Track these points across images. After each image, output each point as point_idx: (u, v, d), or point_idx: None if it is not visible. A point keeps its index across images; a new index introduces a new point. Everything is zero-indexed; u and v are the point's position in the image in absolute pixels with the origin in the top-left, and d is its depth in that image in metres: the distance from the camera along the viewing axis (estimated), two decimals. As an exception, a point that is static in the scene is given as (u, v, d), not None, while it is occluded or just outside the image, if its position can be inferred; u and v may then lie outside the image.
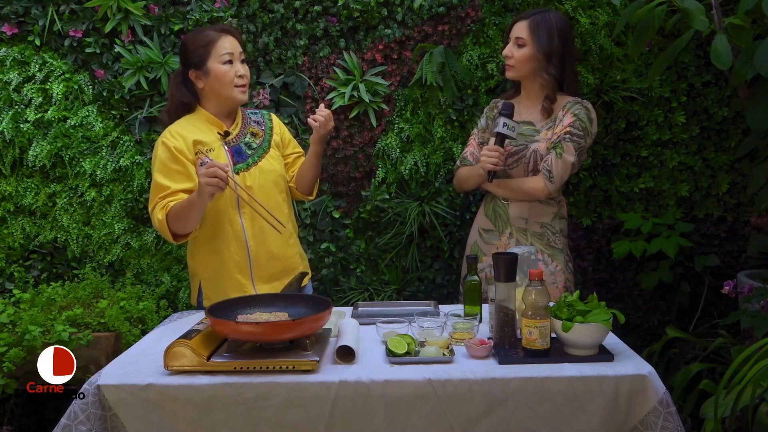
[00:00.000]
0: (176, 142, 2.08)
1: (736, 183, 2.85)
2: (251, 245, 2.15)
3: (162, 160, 2.07)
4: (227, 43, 2.12)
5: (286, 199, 2.27)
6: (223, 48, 2.11)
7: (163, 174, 2.06)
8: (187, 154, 2.08)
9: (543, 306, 1.64)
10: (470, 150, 2.44)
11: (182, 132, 2.11)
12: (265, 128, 2.28)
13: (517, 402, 1.53)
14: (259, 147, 2.22)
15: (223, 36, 2.13)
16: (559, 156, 2.21)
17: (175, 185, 2.05)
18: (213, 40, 2.11)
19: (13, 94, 2.76)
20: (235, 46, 2.14)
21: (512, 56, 2.26)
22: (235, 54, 2.13)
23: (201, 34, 2.15)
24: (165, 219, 2.01)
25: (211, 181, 1.87)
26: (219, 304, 1.76)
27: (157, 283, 2.86)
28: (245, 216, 2.14)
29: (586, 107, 2.27)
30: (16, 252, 2.85)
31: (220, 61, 2.10)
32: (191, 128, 2.14)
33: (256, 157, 2.19)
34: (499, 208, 2.35)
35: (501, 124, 2.19)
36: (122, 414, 1.54)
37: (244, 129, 2.23)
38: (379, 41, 2.79)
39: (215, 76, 2.11)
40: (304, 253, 2.41)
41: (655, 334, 2.89)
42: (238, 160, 2.16)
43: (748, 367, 1.65)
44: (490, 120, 2.42)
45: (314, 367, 1.57)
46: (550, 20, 2.24)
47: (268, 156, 2.22)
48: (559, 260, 2.30)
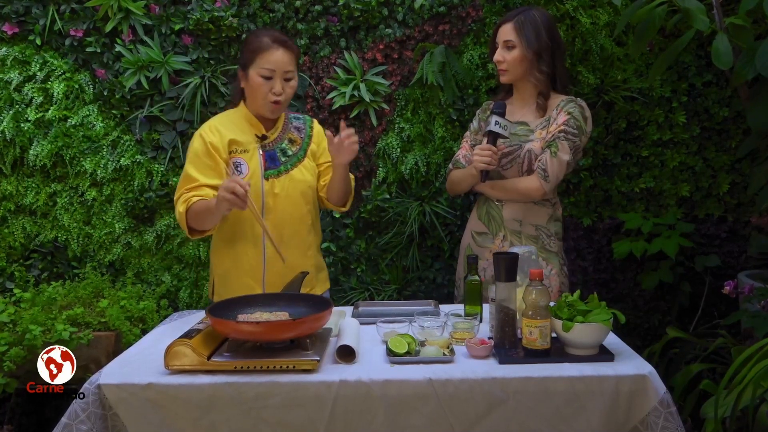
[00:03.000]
0: (213, 137, 2.09)
1: (736, 183, 2.85)
2: (268, 252, 2.13)
3: (196, 151, 2.08)
4: (274, 57, 2.05)
5: (312, 210, 2.22)
6: (267, 62, 2.05)
7: (194, 166, 2.07)
8: (221, 151, 2.08)
9: (543, 306, 1.64)
10: (462, 152, 2.42)
11: (220, 128, 2.11)
12: (304, 135, 2.24)
13: (518, 402, 1.53)
14: (294, 155, 2.18)
15: (273, 49, 2.06)
16: (554, 155, 2.20)
17: (203, 179, 2.05)
18: (261, 49, 2.06)
19: (14, 94, 2.76)
20: (282, 62, 2.06)
21: (504, 60, 2.24)
22: (278, 71, 2.06)
23: (256, 38, 2.10)
24: (185, 213, 2.01)
25: (229, 196, 1.84)
26: (219, 304, 1.76)
27: (157, 282, 2.86)
28: (267, 223, 2.10)
29: (581, 105, 2.26)
30: (17, 251, 2.85)
31: (259, 72, 2.06)
32: (230, 125, 2.13)
33: (289, 165, 2.16)
34: (493, 210, 2.33)
35: (493, 122, 2.18)
36: (123, 413, 1.53)
37: (282, 134, 2.19)
38: (379, 41, 2.79)
39: (251, 86, 2.09)
40: (324, 265, 2.37)
41: (655, 334, 2.89)
42: (270, 165, 2.13)
43: (748, 368, 1.65)
44: (483, 122, 2.40)
45: (314, 366, 1.57)
46: (534, 17, 2.22)
47: (302, 165, 2.19)
48: (554, 264, 2.28)
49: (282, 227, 2.14)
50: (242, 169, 2.11)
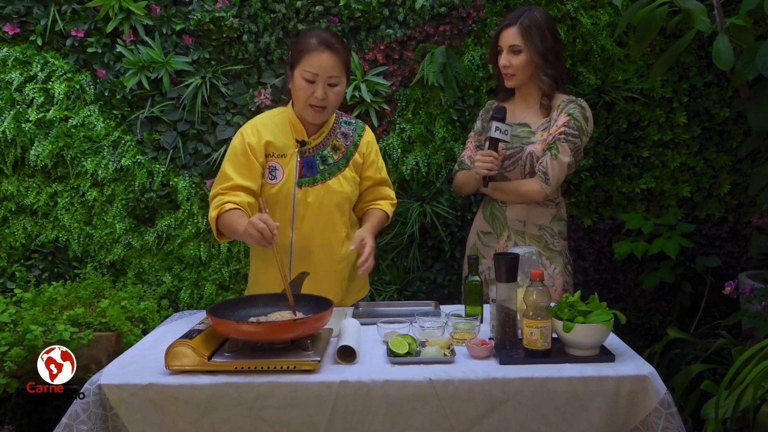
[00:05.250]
0: (252, 138, 2.05)
1: (737, 183, 2.85)
2: (294, 259, 2.10)
3: (235, 150, 2.06)
4: (319, 61, 1.96)
5: (347, 222, 2.14)
6: (310, 65, 1.97)
7: (231, 164, 2.04)
8: (258, 153, 2.04)
9: (544, 306, 1.63)
10: (467, 153, 2.42)
11: (261, 129, 2.07)
12: (350, 143, 2.14)
13: (518, 402, 1.53)
14: (334, 164, 2.10)
15: (319, 52, 1.96)
16: (555, 157, 2.20)
17: (237, 179, 2.01)
18: (307, 50, 1.98)
19: (15, 94, 2.77)
20: (326, 66, 1.97)
21: (510, 65, 2.22)
22: (322, 75, 1.97)
23: (305, 39, 2.01)
24: (216, 218, 1.98)
25: (255, 234, 1.78)
26: (220, 304, 1.76)
27: (158, 282, 2.86)
28: (297, 232, 2.08)
29: (581, 105, 2.25)
30: (18, 251, 2.85)
31: (303, 75, 1.98)
32: (273, 126, 2.09)
33: (327, 174, 2.09)
34: (497, 211, 2.34)
35: (493, 128, 2.18)
36: (123, 413, 1.54)
37: (326, 140, 2.11)
38: (380, 41, 2.79)
39: (295, 87, 2.03)
40: (360, 278, 2.23)
41: (656, 335, 2.89)
42: (306, 173, 2.07)
43: (749, 368, 1.64)
44: (486, 122, 2.40)
45: (315, 367, 1.57)
46: (538, 20, 2.21)
47: (341, 175, 2.11)
48: (557, 263, 2.29)
49: (310, 237, 2.09)
50: (277, 174, 2.06)
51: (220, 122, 2.80)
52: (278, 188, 2.07)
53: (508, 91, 2.37)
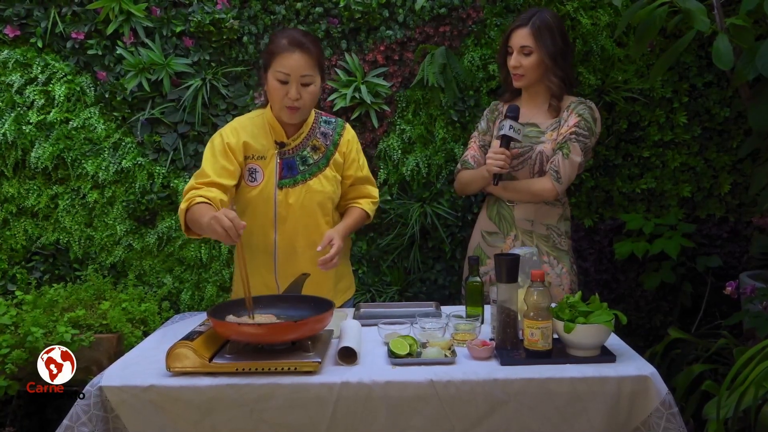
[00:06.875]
0: (231, 139, 2.06)
1: (738, 183, 2.85)
2: (279, 260, 2.11)
3: (213, 149, 2.06)
4: (290, 61, 1.96)
5: (330, 221, 2.15)
6: (282, 65, 1.97)
7: (209, 162, 2.04)
8: (237, 154, 2.05)
9: (545, 307, 1.63)
10: (471, 153, 2.42)
11: (240, 131, 2.08)
12: (330, 143, 2.14)
13: (519, 403, 1.53)
14: (315, 164, 2.11)
15: (290, 52, 1.96)
16: (566, 156, 2.21)
17: (214, 176, 2.01)
18: (278, 51, 1.98)
19: (16, 96, 2.77)
20: (298, 66, 1.97)
21: (520, 65, 2.24)
22: (294, 75, 1.97)
23: (276, 40, 2.01)
24: (184, 210, 1.95)
25: (218, 230, 1.72)
26: (220, 306, 1.76)
27: (159, 284, 2.87)
28: (280, 233, 2.10)
29: (590, 107, 2.28)
30: (19, 253, 2.86)
31: (275, 76, 1.99)
32: (252, 128, 2.09)
33: (308, 174, 2.10)
34: (504, 211, 2.34)
35: (507, 126, 2.19)
36: (124, 415, 1.54)
37: (306, 141, 2.12)
38: (380, 42, 2.79)
39: (269, 89, 2.04)
40: (347, 273, 2.29)
41: (657, 335, 2.89)
42: (286, 174, 2.08)
43: (750, 368, 1.64)
44: (491, 122, 2.41)
45: (316, 368, 1.57)
46: (548, 21, 2.23)
47: (322, 175, 2.11)
48: (564, 262, 2.30)
49: (294, 238, 2.10)
50: (257, 176, 2.08)
51: (221, 124, 2.80)
52: (259, 190, 2.07)
53: (514, 92, 2.38)
